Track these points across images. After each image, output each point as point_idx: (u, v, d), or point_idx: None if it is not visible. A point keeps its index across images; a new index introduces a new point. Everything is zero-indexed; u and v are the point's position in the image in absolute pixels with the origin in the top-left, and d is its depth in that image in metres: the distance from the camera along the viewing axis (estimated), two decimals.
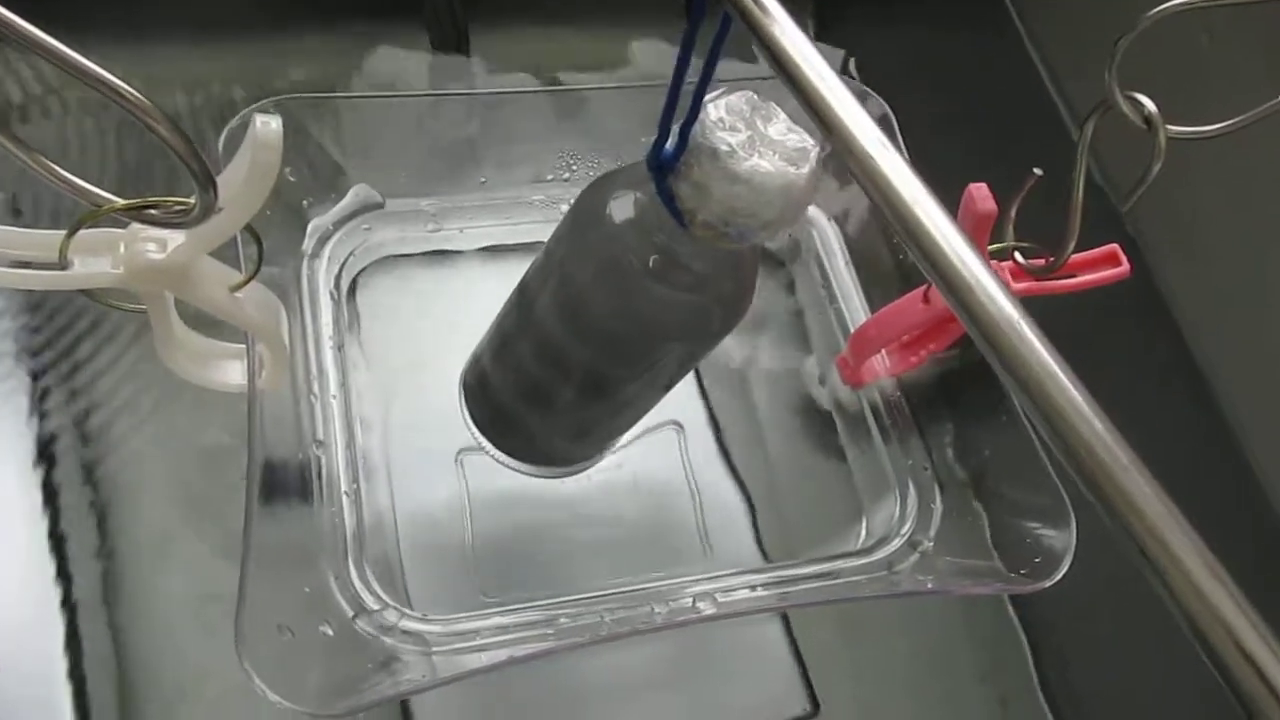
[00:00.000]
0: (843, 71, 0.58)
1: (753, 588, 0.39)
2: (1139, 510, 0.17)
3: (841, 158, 0.21)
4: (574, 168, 0.46)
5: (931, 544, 0.40)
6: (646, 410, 0.39)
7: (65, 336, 0.44)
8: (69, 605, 0.39)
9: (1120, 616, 0.45)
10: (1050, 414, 0.18)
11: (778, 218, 0.27)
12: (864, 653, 0.45)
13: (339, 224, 0.43)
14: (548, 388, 0.36)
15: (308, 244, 0.42)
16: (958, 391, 0.42)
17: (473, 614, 0.37)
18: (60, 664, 0.38)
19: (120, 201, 0.26)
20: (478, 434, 0.41)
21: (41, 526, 0.40)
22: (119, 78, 0.21)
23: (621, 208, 0.30)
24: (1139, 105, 0.31)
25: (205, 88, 0.51)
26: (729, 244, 0.28)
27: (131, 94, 0.22)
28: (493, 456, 0.41)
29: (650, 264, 0.30)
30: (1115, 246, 0.39)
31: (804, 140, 0.27)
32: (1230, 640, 0.16)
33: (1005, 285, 0.19)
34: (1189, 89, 0.44)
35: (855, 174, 0.20)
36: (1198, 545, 0.17)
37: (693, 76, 0.26)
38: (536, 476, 0.42)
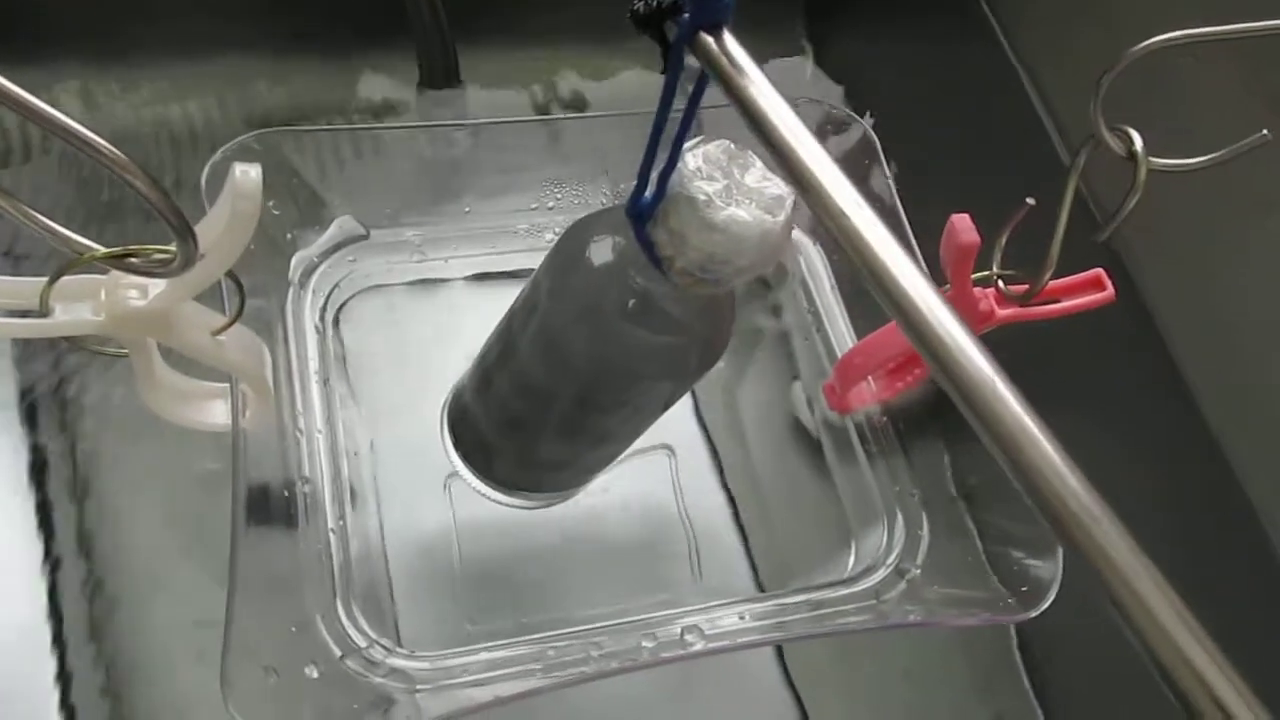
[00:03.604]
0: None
1: (742, 617, 0.39)
2: (1112, 562, 0.17)
3: (819, 219, 0.21)
4: (558, 196, 0.46)
5: (919, 572, 0.40)
6: (628, 444, 0.39)
7: (53, 358, 0.44)
8: (60, 634, 0.39)
9: (1117, 634, 0.45)
10: (1027, 471, 0.18)
11: (753, 264, 0.27)
12: (856, 671, 0.45)
13: (324, 256, 0.43)
14: (529, 421, 0.36)
15: (292, 276, 0.42)
16: (943, 417, 0.42)
17: (460, 650, 0.37)
18: (52, 694, 0.38)
19: (101, 250, 0.26)
20: (459, 463, 0.41)
21: (35, 551, 0.40)
22: (98, 108, 0.21)
23: (601, 251, 0.30)
24: (1125, 138, 0.31)
25: (186, 113, 0.51)
26: (706, 289, 0.28)
27: (106, 148, 0.22)
28: (474, 487, 0.41)
29: (629, 307, 0.30)
30: (1100, 271, 0.39)
31: (780, 188, 0.27)
32: (1201, 687, 0.16)
33: (985, 347, 0.19)
34: (1172, 115, 0.45)
35: (834, 235, 0.21)
36: (1169, 595, 0.17)
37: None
38: (517, 507, 0.42)
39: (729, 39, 0.23)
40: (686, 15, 0.23)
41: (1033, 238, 0.36)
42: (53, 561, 0.40)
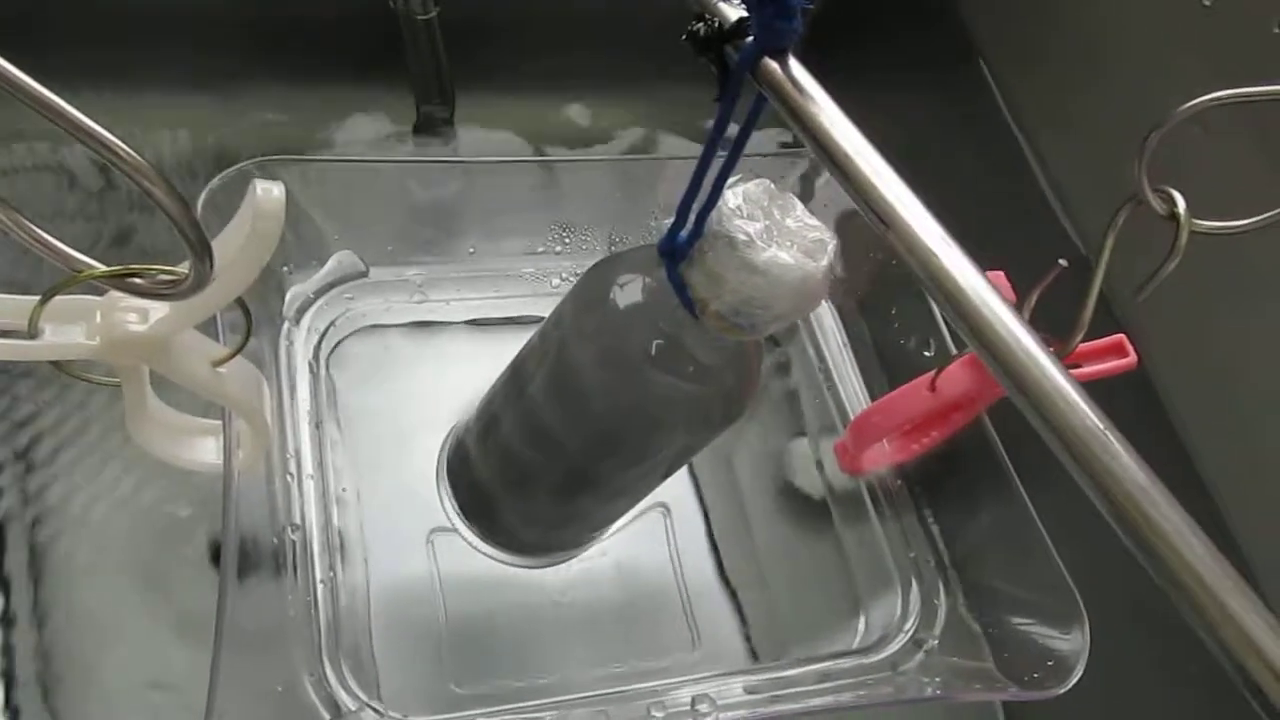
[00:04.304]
0: None
1: (748, 689, 0.37)
2: (1253, 644, 0.15)
3: (900, 255, 0.19)
4: (566, 240, 0.44)
5: (937, 642, 0.39)
6: (636, 501, 0.38)
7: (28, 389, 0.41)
8: (8, 690, 0.36)
9: (1101, 707, 0.43)
10: (1145, 534, 0.16)
11: (791, 309, 0.26)
12: None
13: (320, 292, 0.41)
14: (536, 473, 0.35)
15: (287, 312, 0.40)
16: (962, 480, 0.41)
17: (455, 715, 0.35)
18: None
19: (101, 268, 0.24)
20: (455, 518, 0.39)
21: None
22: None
23: (627, 292, 0.29)
24: (1167, 199, 0.30)
25: (170, 147, 0.49)
26: (739, 334, 0.27)
27: (126, 152, 0.20)
28: (469, 542, 0.39)
29: (653, 351, 0.29)
30: (1121, 337, 0.38)
31: (821, 232, 0.26)
32: None
33: (1087, 395, 0.17)
34: (1181, 181, 0.44)
35: (915, 272, 0.19)
36: None
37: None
38: (513, 566, 0.40)
39: (795, 64, 0.22)
40: (750, 39, 0.22)
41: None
42: (6, 619, 0.37)
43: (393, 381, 0.43)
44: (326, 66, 0.52)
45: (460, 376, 0.43)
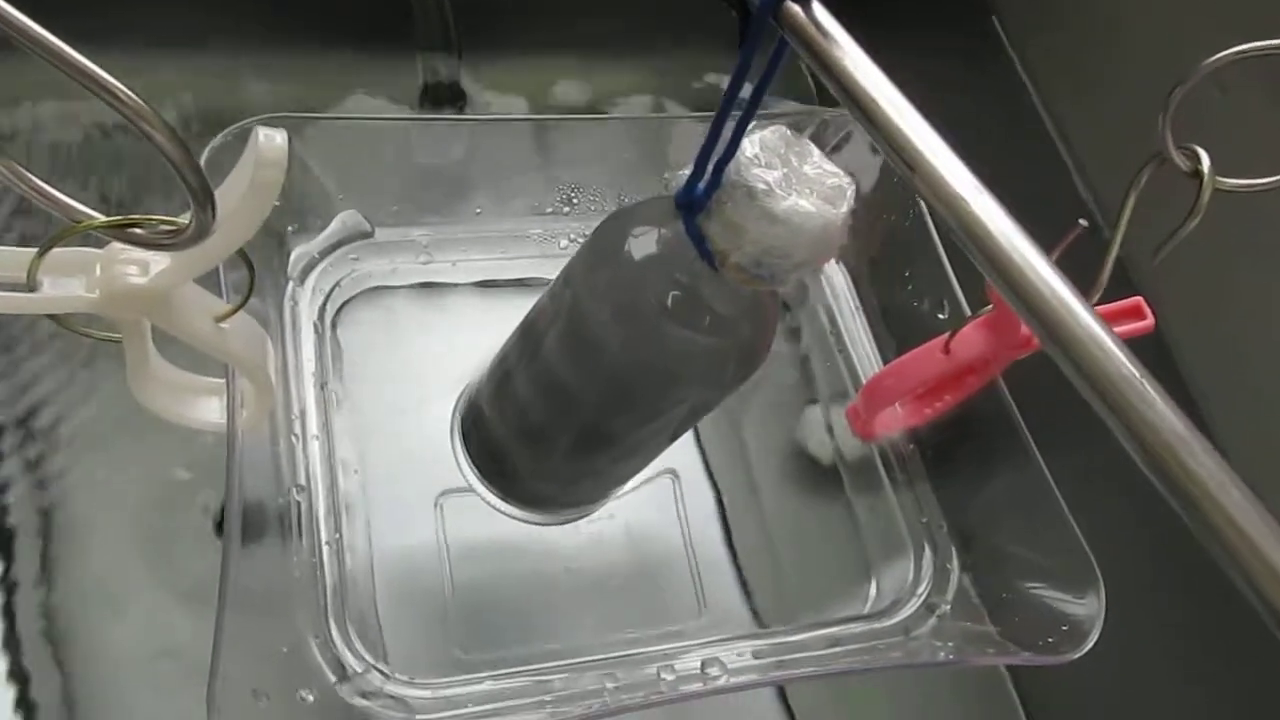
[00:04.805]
0: None
1: (757, 653, 0.36)
2: None
3: (929, 202, 0.19)
4: (574, 201, 0.44)
5: (949, 607, 0.38)
6: (649, 459, 0.37)
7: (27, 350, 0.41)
8: (18, 666, 0.36)
9: (1114, 676, 0.43)
10: (1184, 483, 0.16)
11: (811, 258, 0.26)
12: (854, 707, 0.43)
13: (325, 253, 0.41)
14: (550, 430, 0.34)
15: (291, 272, 0.39)
16: (976, 444, 0.40)
17: (464, 678, 0.34)
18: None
19: (101, 218, 0.23)
20: (470, 473, 0.39)
21: None
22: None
23: (642, 245, 0.29)
24: (1192, 156, 0.30)
25: (175, 110, 0.48)
26: (758, 285, 0.27)
27: (126, 94, 0.20)
28: (483, 498, 0.39)
29: (670, 304, 0.28)
30: (1139, 299, 0.38)
31: (840, 178, 0.26)
32: None
33: (1122, 342, 0.17)
34: (1199, 143, 0.44)
35: (945, 219, 0.18)
36: None
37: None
38: (526, 521, 0.40)
39: (818, 7, 0.21)
40: None
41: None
42: (9, 585, 0.37)
43: (398, 343, 0.42)
44: (332, 36, 0.52)
45: (467, 338, 0.42)
